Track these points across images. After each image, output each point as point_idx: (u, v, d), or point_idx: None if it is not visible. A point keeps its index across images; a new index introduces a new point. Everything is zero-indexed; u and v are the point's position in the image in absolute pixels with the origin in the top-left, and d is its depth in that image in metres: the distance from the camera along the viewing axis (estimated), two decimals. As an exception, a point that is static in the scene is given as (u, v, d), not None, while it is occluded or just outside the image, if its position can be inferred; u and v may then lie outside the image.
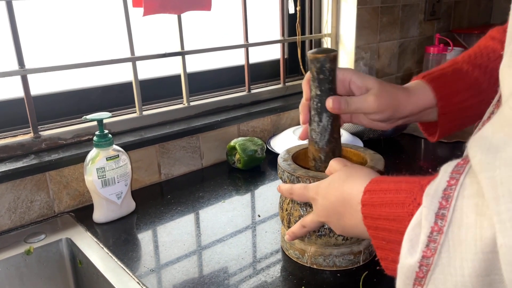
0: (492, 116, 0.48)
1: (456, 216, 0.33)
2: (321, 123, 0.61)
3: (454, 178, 0.34)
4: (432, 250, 0.34)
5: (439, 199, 0.34)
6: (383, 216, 0.42)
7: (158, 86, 1.19)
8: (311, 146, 0.64)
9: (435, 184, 0.36)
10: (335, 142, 0.63)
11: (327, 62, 0.58)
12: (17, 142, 0.90)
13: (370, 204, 0.44)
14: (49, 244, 0.81)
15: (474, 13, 2.06)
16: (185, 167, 1.13)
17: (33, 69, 0.89)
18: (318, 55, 0.58)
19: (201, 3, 1.07)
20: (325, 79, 0.59)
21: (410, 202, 0.39)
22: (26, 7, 0.93)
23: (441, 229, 0.33)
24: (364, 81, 0.61)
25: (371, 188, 0.45)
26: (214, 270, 0.71)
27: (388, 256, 0.41)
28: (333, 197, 0.51)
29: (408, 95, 0.62)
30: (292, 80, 1.47)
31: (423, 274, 0.35)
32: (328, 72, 0.59)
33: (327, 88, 0.60)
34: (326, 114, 0.61)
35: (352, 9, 1.44)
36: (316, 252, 0.70)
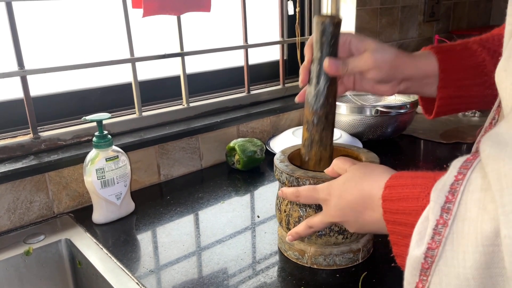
0: (493, 122, 0.49)
1: (460, 210, 0.34)
2: (318, 86, 0.62)
3: (461, 173, 0.35)
4: (437, 242, 0.35)
5: (446, 193, 0.35)
6: (400, 210, 0.43)
7: (158, 87, 1.19)
8: (306, 109, 0.64)
9: (444, 179, 0.37)
10: (330, 107, 0.63)
11: (331, 26, 0.59)
12: (16, 142, 0.90)
13: (389, 199, 0.44)
14: (48, 245, 0.81)
15: (473, 14, 2.07)
16: (184, 168, 1.13)
17: (33, 70, 0.89)
18: (323, 18, 0.59)
19: (200, 4, 1.07)
20: (327, 43, 0.60)
21: (424, 197, 0.40)
22: (25, 8, 0.93)
23: (446, 222, 0.34)
24: (363, 42, 0.61)
25: (391, 184, 0.46)
26: (213, 271, 0.71)
27: (403, 252, 0.41)
28: (351, 195, 0.51)
29: (410, 57, 0.63)
30: (292, 81, 1.47)
31: (428, 265, 0.36)
32: (331, 36, 0.59)
33: (328, 51, 0.60)
34: (324, 77, 0.61)
35: (351, 10, 1.44)
36: (316, 252, 0.70)
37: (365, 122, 1.22)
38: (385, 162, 0.68)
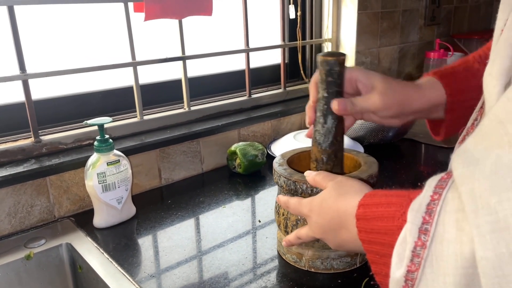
0: (476, 123, 0.49)
1: (438, 231, 0.33)
2: (325, 125, 0.61)
3: (437, 193, 0.35)
4: (416, 265, 0.34)
5: (423, 213, 0.35)
6: (375, 229, 0.42)
7: (159, 90, 1.19)
8: (314, 147, 0.64)
9: (419, 198, 0.36)
10: (338, 144, 0.63)
11: (337, 65, 0.59)
12: (17, 146, 0.90)
13: (363, 218, 0.44)
14: (49, 249, 0.81)
15: (474, 18, 2.07)
16: (185, 172, 1.13)
17: (34, 74, 0.89)
18: (328, 58, 0.58)
19: (202, 8, 1.07)
20: (333, 82, 0.59)
21: (399, 216, 0.39)
22: (27, 12, 0.93)
23: (424, 244, 0.34)
24: (370, 79, 0.61)
25: (364, 202, 0.45)
26: (214, 275, 0.71)
27: (382, 271, 0.41)
28: (327, 215, 0.52)
29: (418, 90, 0.62)
30: (293, 84, 1.47)
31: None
32: (337, 75, 0.59)
33: (335, 91, 0.60)
34: (331, 116, 0.61)
35: (352, 14, 1.45)
36: (314, 255, 0.70)
37: (366, 126, 1.22)
38: (386, 166, 0.68)
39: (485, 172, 0.30)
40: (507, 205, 0.27)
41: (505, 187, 0.28)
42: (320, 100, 0.61)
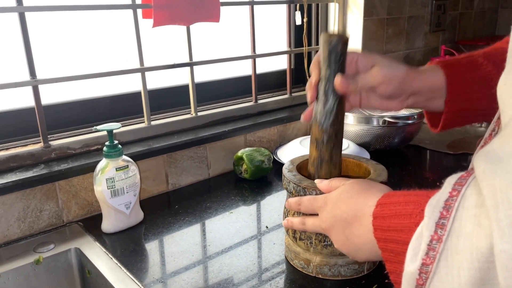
0: (494, 133, 0.49)
1: (455, 226, 0.34)
2: (327, 104, 0.61)
3: (456, 190, 0.35)
4: (432, 258, 0.35)
5: (440, 209, 0.35)
6: (392, 227, 0.42)
7: (166, 96, 1.20)
8: (315, 128, 0.64)
9: (438, 195, 0.37)
10: (339, 124, 0.63)
11: (340, 43, 0.59)
12: (27, 151, 0.91)
13: (380, 217, 0.44)
14: (58, 254, 0.82)
15: (479, 24, 2.07)
16: (192, 177, 1.13)
17: (45, 80, 0.90)
18: (332, 37, 0.59)
19: (209, 14, 1.08)
20: (335, 61, 0.60)
21: (417, 213, 0.40)
22: (38, 18, 0.94)
23: (440, 238, 0.34)
24: (370, 58, 0.62)
25: (383, 201, 0.46)
26: (221, 281, 0.71)
27: (396, 269, 0.41)
28: (344, 206, 0.52)
29: (417, 72, 0.63)
30: (299, 90, 1.47)
31: (422, 281, 0.36)
32: (340, 54, 0.59)
33: (337, 69, 0.60)
34: (333, 95, 0.61)
35: (358, 21, 1.45)
36: (322, 262, 0.71)
37: (373, 132, 1.22)
38: (392, 173, 0.69)
39: (507, 169, 0.30)
40: None
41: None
42: (322, 78, 0.61)
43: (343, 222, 0.51)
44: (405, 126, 1.22)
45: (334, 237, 0.54)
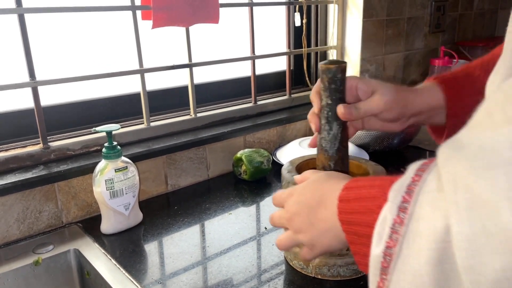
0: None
1: (416, 209, 0.35)
2: (331, 132, 0.63)
3: (418, 175, 0.37)
4: (395, 241, 0.36)
5: (403, 193, 0.37)
6: (355, 210, 0.44)
7: (166, 97, 1.20)
8: (321, 154, 0.65)
9: (401, 180, 0.38)
10: (344, 150, 0.64)
11: (339, 72, 0.60)
12: (26, 152, 0.91)
13: (346, 200, 0.46)
14: (57, 255, 0.82)
15: (479, 25, 2.07)
16: (191, 178, 1.13)
17: (44, 81, 0.91)
18: (331, 66, 0.60)
19: (209, 16, 1.08)
20: (336, 89, 0.61)
21: (380, 196, 0.41)
22: (37, 19, 0.94)
23: (402, 221, 0.36)
24: (369, 85, 0.63)
25: (349, 185, 0.47)
26: (220, 282, 0.71)
27: (360, 250, 0.43)
28: (310, 193, 0.53)
29: (416, 93, 0.64)
30: (298, 91, 1.48)
31: (387, 263, 0.37)
32: (339, 82, 0.61)
33: (338, 97, 0.61)
34: (336, 122, 0.62)
35: (357, 22, 1.45)
36: (321, 262, 0.71)
37: (372, 133, 1.22)
38: (392, 174, 0.69)
39: (467, 155, 0.31)
40: (483, 183, 0.29)
41: (483, 167, 0.29)
42: (324, 107, 0.62)
43: (308, 207, 0.52)
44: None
45: (297, 224, 0.54)
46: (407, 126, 0.67)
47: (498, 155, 0.29)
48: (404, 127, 0.67)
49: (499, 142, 0.29)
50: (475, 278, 0.29)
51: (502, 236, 0.27)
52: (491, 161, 0.29)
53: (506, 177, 0.28)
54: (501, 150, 0.29)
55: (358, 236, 0.43)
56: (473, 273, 0.29)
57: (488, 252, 0.28)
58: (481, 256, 0.28)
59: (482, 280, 0.28)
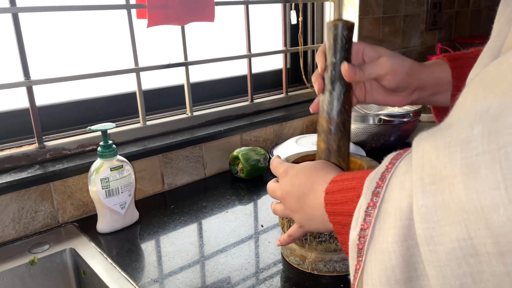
0: None
1: (387, 193, 0.38)
2: (334, 92, 0.60)
3: (391, 163, 0.39)
4: (368, 223, 0.38)
5: (377, 180, 0.39)
6: (338, 200, 0.46)
7: (162, 96, 1.20)
8: (322, 118, 0.62)
9: (377, 168, 0.41)
10: (346, 113, 0.62)
11: (345, 29, 0.58)
12: (22, 152, 0.91)
13: (331, 192, 0.48)
14: (53, 255, 0.82)
15: (475, 22, 2.07)
16: (188, 177, 1.13)
17: (39, 80, 0.90)
18: (337, 22, 0.59)
19: (204, 14, 1.08)
20: (341, 47, 0.59)
21: (359, 187, 0.42)
22: (31, 18, 0.94)
23: (375, 204, 0.38)
24: (376, 50, 0.63)
25: (335, 179, 0.49)
26: (217, 280, 0.71)
27: (345, 240, 0.44)
28: (305, 178, 0.54)
29: (423, 65, 0.64)
30: (295, 90, 1.47)
31: (361, 245, 0.39)
32: (345, 39, 0.59)
33: (343, 56, 0.59)
34: (339, 83, 0.60)
35: (354, 19, 1.45)
36: (317, 258, 0.71)
37: (368, 131, 1.22)
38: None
39: (437, 135, 0.33)
40: (443, 160, 0.30)
41: (445, 145, 0.31)
42: (328, 66, 0.60)
43: (300, 192, 0.54)
44: (401, 124, 1.22)
45: (290, 203, 0.57)
46: (411, 101, 0.66)
47: (459, 133, 0.30)
48: (408, 102, 0.66)
49: (462, 121, 0.31)
50: (434, 248, 0.31)
51: (457, 208, 0.29)
52: (453, 139, 0.30)
53: (462, 154, 0.29)
54: (462, 129, 0.30)
55: (342, 226, 0.45)
56: (432, 243, 0.31)
57: (446, 223, 0.30)
58: (440, 228, 0.30)
59: (440, 249, 0.30)
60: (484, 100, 0.30)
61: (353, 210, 0.41)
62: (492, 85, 0.31)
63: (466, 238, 0.29)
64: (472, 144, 0.29)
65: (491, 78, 0.32)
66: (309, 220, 0.54)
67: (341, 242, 0.46)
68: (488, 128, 0.29)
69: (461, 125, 0.31)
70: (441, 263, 0.30)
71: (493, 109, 0.29)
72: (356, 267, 0.40)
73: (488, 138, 0.28)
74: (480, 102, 0.31)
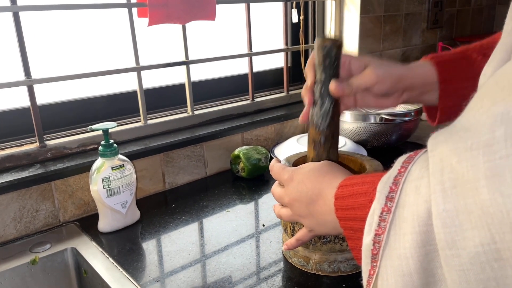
0: None
1: (402, 197, 0.37)
2: (323, 106, 0.63)
3: (404, 167, 0.39)
4: (383, 228, 0.38)
5: (390, 184, 0.39)
6: (349, 206, 0.46)
7: (163, 95, 1.19)
8: (312, 129, 0.65)
9: (389, 172, 0.40)
10: (335, 125, 0.65)
11: (333, 48, 0.60)
12: (23, 151, 0.91)
13: (341, 197, 0.48)
14: (54, 254, 0.82)
15: (477, 21, 2.07)
16: (189, 176, 1.13)
17: (39, 79, 0.90)
18: (326, 42, 0.60)
19: (205, 13, 1.08)
20: (330, 65, 0.61)
21: (371, 191, 0.42)
22: (32, 17, 0.94)
23: (389, 209, 0.38)
24: (362, 60, 0.64)
25: (344, 183, 0.49)
26: (218, 279, 0.71)
27: (357, 245, 0.44)
28: (311, 184, 0.54)
29: (410, 67, 0.65)
30: (296, 88, 1.47)
31: (376, 251, 0.39)
32: (334, 58, 0.60)
33: (332, 73, 0.61)
34: (328, 98, 0.62)
35: (355, 18, 1.45)
36: (321, 258, 0.71)
37: (370, 130, 1.22)
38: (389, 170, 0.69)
39: (454, 137, 0.32)
40: (464, 164, 0.30)
41: (465, 149, 0.31)
42: (317, 82, 0.62)
43: (308, 198, 0.54)
44: (402, 123, 1.22)
45: (298, 209, 0.56)
46: (401, 102, 0.67)
47: (479, 136, 0.30)
48: (398, 103, 0.67)
49: (481, 124, 0.31)
50: (457, 253, 0.30)
51: (480, 212, 0.29)
52: (474, 142, 0.30)
53: (485, 157, 0.29)
54: (482, 132, 0.30)
55: (354, 231, 0.45)
56: (455, 247, 0.31)
57: (469, 227, 0.30)
58: (463, 232, 0.30)
59: (463, 254, 0.30)
60: (504, 102, 0.30)
61: (366, 215, 0.40)
62: (510, 87, 0.31)
63: (490, 242, 0.28)
64: (494, 147, 0.29)
65: (508, 80, 0.32)
66: (320, 225, 0.54)
67: (351, 248, 0.46)
68: (510, 131, 0.28)
69: (480, 128, 0.30)
70: (465, 268, 0.30)
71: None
72: (370, 272, 0.40)
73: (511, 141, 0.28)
74: (499, 105, 0.30)
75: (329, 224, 0.51)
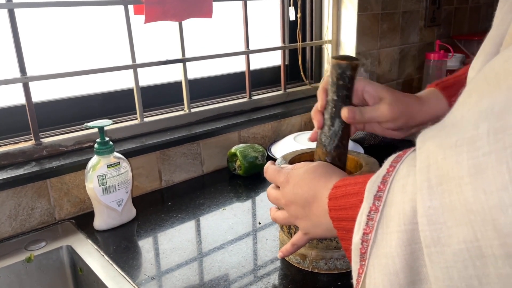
0: None
1: (389, 197, 0.38)
2: (332, 128, 0.61)
3: (392, 166, 0.39)
4: (371, 227, 0.38)
5: (379, 183, 0.39)
6: (342, 206, 0.46)
7: (159, 92, 1.19)
8: (319, 149, 0.64)
9: (378, 172, 0.40)
10: (343, 148, 0.63)
11: (349, 69, 0.58)
12: (18, 149, 0.91)
13: (334, 198, 0.48)
14: (49, 252, 0.81)
15: (475, 19, 2.07)
16: (185, 174, 1.13)
17: (35, 77, 0.90)
18: (341, 62, 0.58)
19: (202, 10, 1.08)
20: (343, 86, 0.59)
21: (362, 192, 0.42)
22: (28, 14, 0.93)
23: (377, 208, 0.38)
24: (377, 91, 0.63)
25: (337, 184, 0.49)
26: (214, 278, 0.71)
27: (349, 247, 0.44)
28: (307, 186, 0.54)
29: (421, 104, 0.64)
30: (293, 86, 1.47)
31: (364, 249, 0.39)
32: (348, 79, 0.59)
33: (345, 94, 0.60)
34: (339, 120, 0.61)
35: (352, 16, 1.45)
36: (318, 256, 0.71)
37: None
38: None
39: (441, 133, 0.32)
40: (449, 160, 0.30)
41: (451, 145, 0.30)
42: (329, 102, 0.61)
43: (304, 200, 0.54)
44: (400, 121, 1.22)
45: (294, 211, 0.56)
46: (409, 135, 0.67)
47: (464, 132, 0.30)
48: (406, 135, 0.67)
49: (467, 120, 0.31)
50: (441, 250, 0.31)
51: (464, 210, 0.29)
52: (459, 139, 0.30)
53: (469, 154, 0.29)
54: (467, 128, 0.30)
55: (346, 231, 0.45)
56: (440, 244, 0.31)
57: (454, 224, 0.30)
58: (447, 229, 0.30)
59: (447, 251, 0.30)
60: (489, 97, 0.30)
61: (357, 215, 0.41)
62: (496, 81, 0.31)
63: (473, 240, 0.29)
64: (478, 144, 0.29)
65: (496, 74, 0.31)
66: (316, 227, 0.54)
67: (344, 249, 0.46)
68: (493, 127, 0.28)
69: (466, 124, 0.30)
70: (448, 265, 0.30)
71: (497, 107, 0.29)
72: (359, 271, 0.40)
73: (494, 137, 0.28)
74: (485, 100, 0.30)
75: (323, 225, 0.51)
